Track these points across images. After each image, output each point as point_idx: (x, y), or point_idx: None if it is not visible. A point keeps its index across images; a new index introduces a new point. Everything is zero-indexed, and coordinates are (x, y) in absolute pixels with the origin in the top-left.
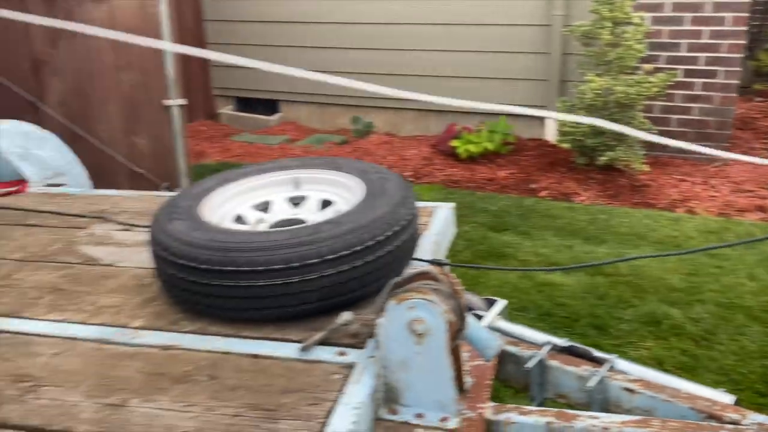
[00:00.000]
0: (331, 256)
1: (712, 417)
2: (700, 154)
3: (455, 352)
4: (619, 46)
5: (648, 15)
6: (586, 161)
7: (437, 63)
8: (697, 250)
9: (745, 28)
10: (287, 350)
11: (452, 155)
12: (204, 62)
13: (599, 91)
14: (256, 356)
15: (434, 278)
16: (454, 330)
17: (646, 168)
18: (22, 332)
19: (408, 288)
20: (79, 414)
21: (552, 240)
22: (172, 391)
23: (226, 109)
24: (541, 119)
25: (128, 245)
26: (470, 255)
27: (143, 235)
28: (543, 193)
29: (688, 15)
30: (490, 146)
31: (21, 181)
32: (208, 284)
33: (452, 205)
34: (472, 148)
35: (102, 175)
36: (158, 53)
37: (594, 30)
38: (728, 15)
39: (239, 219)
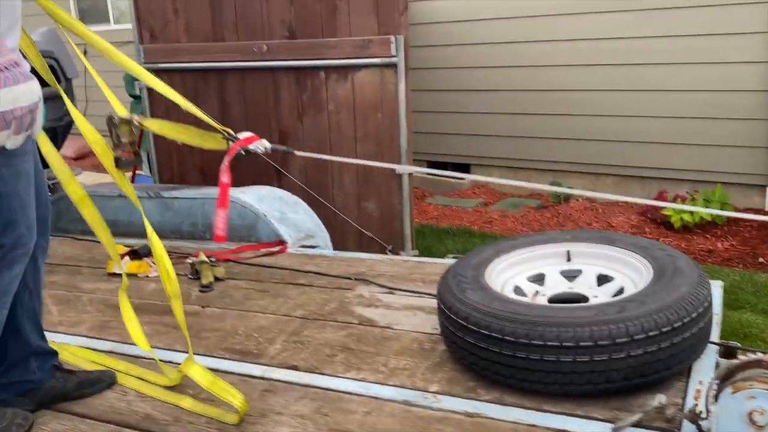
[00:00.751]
0: (639, 336)
1: None
2: None
3: None
4: None
5: None
6: None
7: (640, 129)
8: None
9: None
10: (596, 428)
11: (664, 224)
12: None
13: None
14: None
15: None
16: None
17: None
18: (330, 389)
19: (746, 377)
20: None
21: None
22: None
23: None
24: (762, 187)
25: (397, 308)
26: None
27: (406, 299)
28: None
29: None
30: (706, 216)
31: (281, 242)
32: (511, 356)
33: (720, 283)
34: (687, 217)
35: (334, 236)
36: (394, 125)
37: None
38: None
39: (518, 290)
